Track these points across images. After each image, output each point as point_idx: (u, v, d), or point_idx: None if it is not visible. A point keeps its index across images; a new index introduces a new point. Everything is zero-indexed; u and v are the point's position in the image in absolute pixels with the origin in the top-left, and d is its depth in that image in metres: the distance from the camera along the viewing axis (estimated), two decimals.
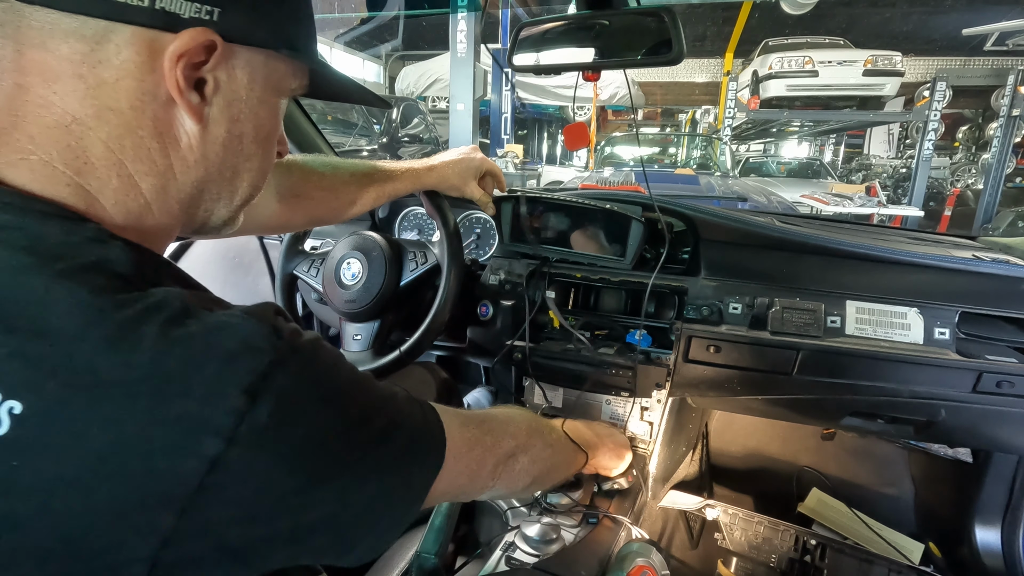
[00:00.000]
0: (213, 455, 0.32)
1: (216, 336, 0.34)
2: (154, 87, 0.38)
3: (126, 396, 0.31)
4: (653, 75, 12.79)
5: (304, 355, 0.38)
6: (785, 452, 1.61)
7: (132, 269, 0.35)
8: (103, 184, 0.38)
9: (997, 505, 1.25)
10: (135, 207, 0.40)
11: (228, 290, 1.45)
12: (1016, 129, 6.72)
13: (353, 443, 0.40)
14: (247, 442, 0.33)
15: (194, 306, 0.35)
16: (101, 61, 0.36)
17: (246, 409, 0.33)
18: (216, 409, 0.32)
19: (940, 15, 9.67)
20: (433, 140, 8.04)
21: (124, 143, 0.38)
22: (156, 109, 0.39)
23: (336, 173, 0.89)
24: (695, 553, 1.34)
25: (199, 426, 0.32)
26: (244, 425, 0.33)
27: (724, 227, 1.05)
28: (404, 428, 0.45)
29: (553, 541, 0.83)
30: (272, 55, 0.44)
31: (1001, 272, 0.93)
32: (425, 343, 0.98)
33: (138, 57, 0.37)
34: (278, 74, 0.45)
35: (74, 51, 0.36)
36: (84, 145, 0.37)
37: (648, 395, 1.06)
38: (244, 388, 0.33)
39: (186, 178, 0.42)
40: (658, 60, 0.79)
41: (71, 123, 0.37)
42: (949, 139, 12.84)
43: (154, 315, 0.33)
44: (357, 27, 9.58)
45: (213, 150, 0.43)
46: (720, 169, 6.94)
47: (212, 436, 0.32)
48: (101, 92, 0.37)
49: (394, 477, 0.43)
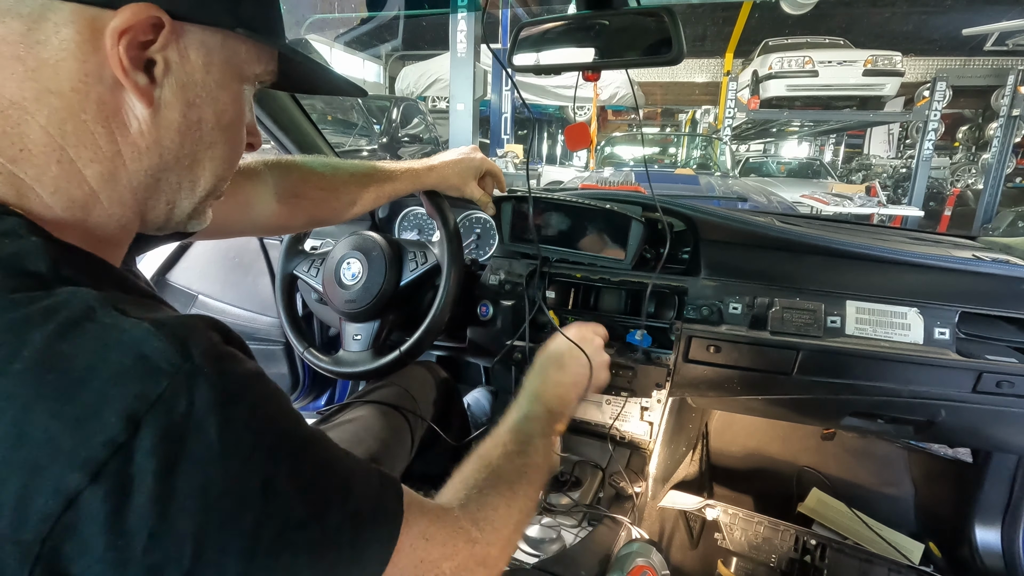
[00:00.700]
0: (71, 491, 0.26)
1: (109, 348, 0.29)
2: (98, 68, 0.35)
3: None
4: (653, 75, 12.79)
5: (221, 385, 0.31)
6: (785, 452, 1.61)
7: (47, 268, 0.32)
8: (40, 172, 0.36)
9: (997, 505, 1.25)
10: (79, 195, 0.37)
11: (228, 290, 1.45)
12: (1016, 129, 6.72)
13: (266, 514, 0.32)
14: (115, 483, 0.27)
15: (100, 309, 0.30)
16: (40, 41, 0.34)
17: (123, 441, 0.27)
18: (88, 436, 0.27)
19: (940, 15, 9.66)
20: (433, 140, 8.04)
21: (66, 128, 0.36)
22: (101, 92, 0.36)
23: (336, 173, 0.89)
24: (695, 553, 1.34)
25: (65, 455, 0.27)
26: (116, 461, 0.27)
27: (724, 227, 1.05)
28: (352, 500, 0.37)
29: (553, 541, 0.83)
30: (230, 36, 0.41)
31: (1001, 272, 0.93)
32: (425, 343, 0.98)
33: (79, 36, 0.35)
34: (238, 57, 0.43)
35: (10, 31, 0.33)
36: (21, 131, 0.35)
37: (648, 395, 1.06)
38: (126, 414, 0.28)
39: (138, 165, 0.39)
40: (658, 60, 0.79)
41: (8, 107, 0.34)
42: (949, 139, 12.83)
43: (47, 319, 0.29)
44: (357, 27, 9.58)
45: (168, 135, 0.40)
46: (720, 169, 6.94)
47: (76, 469, 0.27)
48: (40, 74, 0.34)
49: (317, 564, 0.34)
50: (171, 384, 0.29)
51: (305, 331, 1.10)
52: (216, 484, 0.30)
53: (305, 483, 0.34)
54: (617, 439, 1.15)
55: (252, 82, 0.45)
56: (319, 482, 0.36)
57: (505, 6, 7.16)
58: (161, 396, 0.29)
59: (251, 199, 0.79)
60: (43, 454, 0.27)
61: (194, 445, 0.30)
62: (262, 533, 0.31)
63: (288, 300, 1.11)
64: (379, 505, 0.40)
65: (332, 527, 0.35)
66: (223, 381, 0.32)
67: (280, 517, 0.32)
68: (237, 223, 0.79)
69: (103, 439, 0.27)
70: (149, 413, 0.28)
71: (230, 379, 0.32)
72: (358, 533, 0.37)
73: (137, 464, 0.28)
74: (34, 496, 0.26)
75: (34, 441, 0.27)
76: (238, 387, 0.33)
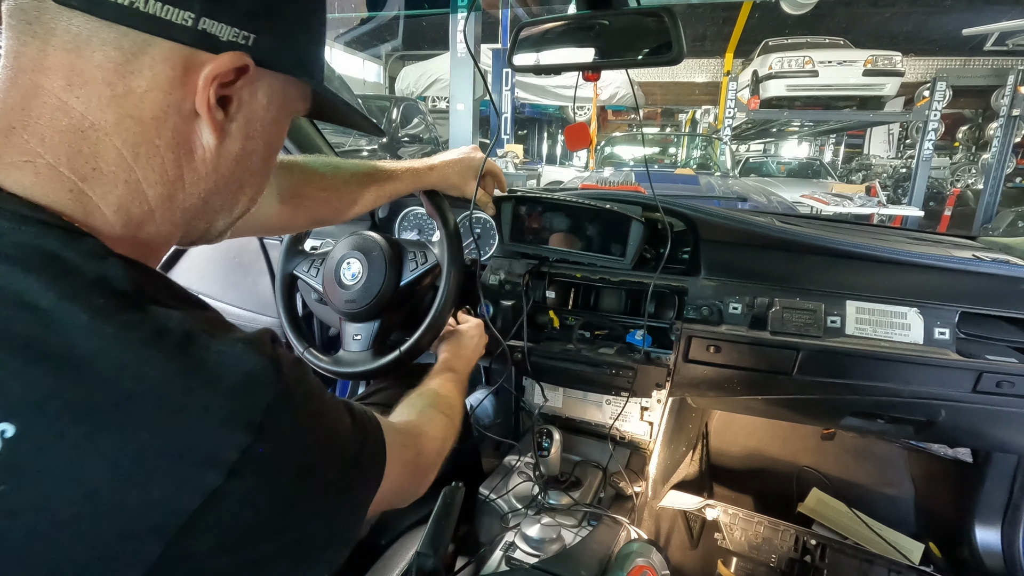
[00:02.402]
0: (212, 488, 0.32)
1: (219, 368, 0.34)
2: (180, 100, 0.39)
3: (126, 426, 0.31)
4: (653, 75, 12.79)
5: (302, 390, 0.39)
6: (785, 452, 1.61)
7: (131, 287, 0.35)
8: (107, 191, 0.38)
9: (997, 505, 1.25)
10: (137, 214, 0.40)
11: (228, 290, 1.45)
12: (1016, 129, 6.72)
13: (332, 474, 0.41)
14: (246, 475, 0.33)
15: (196, 332, 0.35)
16: (133, 72, 0.37)
17: (249, 444, 0.34)
18: (221, 443, 0.33)
19: (940, 15, 9.66)
20: (433, 140, 8.04)
21: (139, 151, 0.38)
22: (178, 121, 0.39)
23: (337, 173, 0.89)
24: (695, 553, 1.34)
25: (202, 460, 0.32)
26: (245, 459, 0.33)
27: (724, 227, 1.05)
28: (364, 450, 0.46)
29: (553, 541, 0.83)
30: (290, 79, 0.46)
31: (1001, 272, 0.93)
32: (425, 343, 0.98)
33: (171, 72, 0.38)
34: (292, 96, 0.47)
35: (108, 59, 0.36)
36: (96, 151, 0.37)
37: (648, 395, 1.06)
38: (248, 423, 0.34)
39: (195, 189, 0.43)
40: (658, 60, 0.79)
41: (88, 128, 0.37)
42: (949, 139, 12.83)
43: (158, 342, 0.33)
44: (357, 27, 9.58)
45: (225, 164, 0.44)
46: (720, 169, 6.94)
47: (214, 470, 0.32)
48: (126, 101, 0.37)
49: (352, 496, 0.45)
50: (276, 395, 0.36)
51: (305, 331, 1.10)
52: (310, 463, 0.39)
53: (347, 440, 0.44)
54: (617, 439, 1.15)
55: (294, 116, 0.50)
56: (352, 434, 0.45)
57: (505, 6, 7.16)
58: (269, 405, 0.35)
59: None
60: (185, 460, 0.32)
61: (298, 438, 0.38)
62: (343, 502, 0.43)
63: (288, 300, 1.11)
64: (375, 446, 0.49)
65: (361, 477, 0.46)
66: (302, 385, 0.39)
67: (343, 470, 0.43)
68: (239, 224, 0.79)
69: (234, 444, 0.33)
70: (266, 419, 0.35)
71: (303, 382, 0.40)
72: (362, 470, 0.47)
73: (260, 463, 0.34)
74: (178, 495, 0.32)
75: (174, 450, 0.32)
76: (308, 387, 0.40)
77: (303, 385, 0.39)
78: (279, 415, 0.36)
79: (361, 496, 0.46)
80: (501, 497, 0.96)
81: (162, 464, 0.31)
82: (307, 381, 0.40)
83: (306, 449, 0.38)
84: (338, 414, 0.45)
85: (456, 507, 0.84)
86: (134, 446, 0.31)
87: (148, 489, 0.31)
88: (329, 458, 0.41)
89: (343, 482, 0.43)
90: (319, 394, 0.42)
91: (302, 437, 0.38)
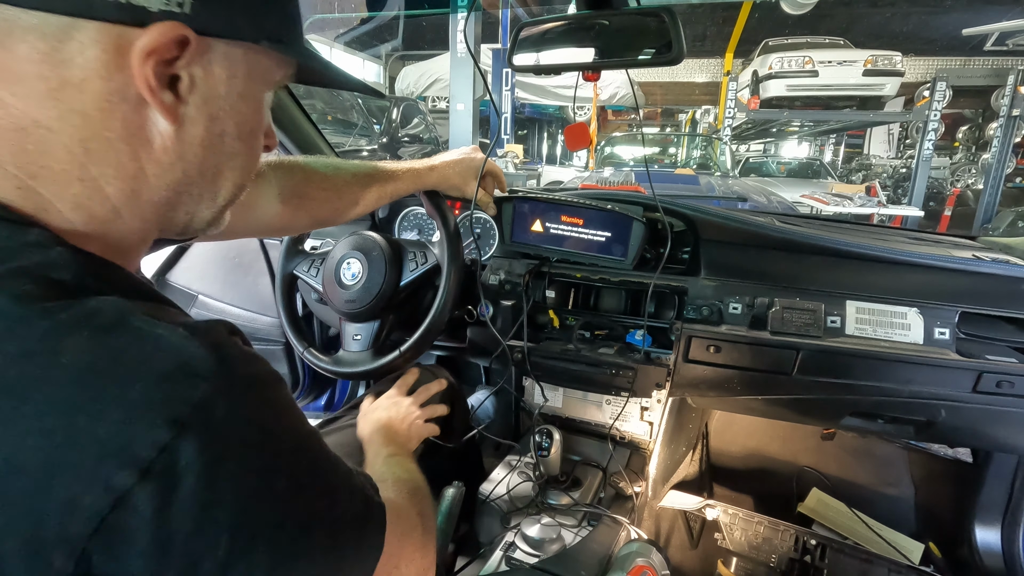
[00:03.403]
0: (121, 490, 0.28)
1: (149, 354, 0.30)
2: (123, 87, 0.35)
3: (33, 415, 0.28)
4: (653, 75, 12.78)
5: (251, 389, 0.34)
6: (785, 452, 1.61)
7: (72, 276, 0.32)
8: (61, 189, 0.35)
9: (997, 505, 1.25)
10: (100, 212, 0.37)
11: (228, 290, 1.45)
12: (1016, 129, 6.71)
13: (293, 511, 0.34)
14: (161, 482, 0.29)
15: (131, 316, 0.31)
16: (64, 60, 0.33)
17: (169, 442, 0.29)
18: (135, 438, 0.28)
19: (940, 15, 9.65)
20: (433, 140, 8.04)
21: (90, 147, 0.35)
22: (126, 110, 0.36)
23: (338, 174, 0.89)
24: (695, 553, 1.34)
25: (113, 454, 0.28)
26: (162, 461, 0.29)
27: (724, 227, 1.05)
28: (351, 502, 0.40)
29: (553, 541, 0.83)
30: (252, 47, 0.41)
31: (1001, 272, 0.93)
32: (425, 343, 0.98)
33: (104, 55, 0.34)
34: (261, 67, 0.42)
35: (34, 50, 0.33)
36: (44, 149, 0.34)
37: (648, 395, 1.06)
38: (172, 418, 0.29)
39: (160, 181, 0.39)
40: (658, 60, 0.79)
41: (30, 126, 0.34)
42: (949, 139, 12.82)
43: (82, 325, 0.30)
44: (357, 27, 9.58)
45: (191, 151, 0.40)
46: (720, 169, 6.94)
47: (125, 468, 0.28)
48: (65, 93, 0.34)
49: (330, 557, 0.37)
50: (211, 388, 0.31)
51: (305, 331, 1.10)
52: (251, 481, 0.32)
53: (321, 480, 0.38)
54: (617, 439, 1.15)
55: (272, 87, 0.45)
56: (329, 479, 0.39)
57: (505, 6, 7.16)
58: (202, 399, 0.30)
59: (255, 200, 0.79)
60: (92, 455, 0.28)
61: (232, 445, 0.32)
62: (287, 525, 0.34)
63: (288, 300, 1.11)
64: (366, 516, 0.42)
65: (340, 520, 0.39)
66: (253, 384, 0.34)
67: (304, 511, 0.35)
68: (241, 224, 0.79)
69: (150, 440, 0.29)
70: (192, 415, 0.30)
71: (257, 382, 0.35)
72: (361, 531, 0.41)
73: (182, 463, 0.29)
74: (84, 495, 0.28)
75: (82, 443, 0.28)
76: (263, 389, 0.35)
77: (257, 387, 0.34)
78: (214, 413, 0.31)
79: (335, 565, 0.38)
80: (501, 497, 0.96)
81: (69, 458, 0.28)
82: (265, 385, 0.35)
83: (250, 466, 0.32)
84: (314, 446, 0.38)
85: (456, 507, 0.84)
86: (39, 436, 0.28)
87: (53, 488, 0.27)
88: (293, 493, 0.34)
89: (314, 536, 0.35)
90: (285, 408, 0.36)
91: (247, 450, 0.32)
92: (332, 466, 0.40)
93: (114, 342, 0.30)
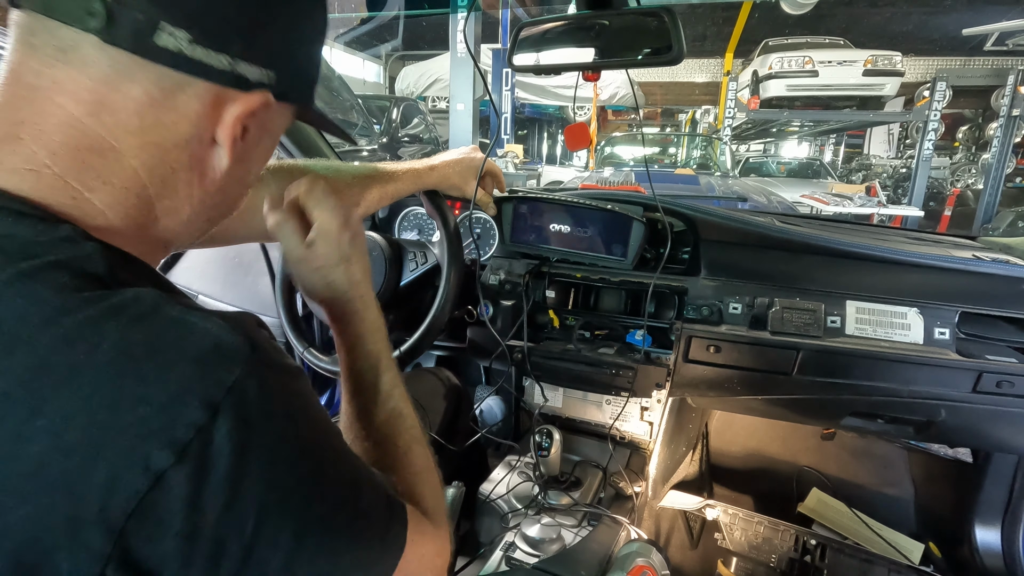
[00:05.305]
0: (159, 470, 0.29)
1: (185, 339, 0.32)
2: (203, 131, 0.40)
3: (76, 398, 0.29)
4: (653, 75, 12.78)
5: (282, 377, 0.36)
6: (785, 452, 1.61)
7: (105, 270, 0.34)
8: (116, 201, 0.38)
9: (997, 505, 1.25)
10: (144, 221, 0.41)
11: (228, 290, 1.45)
12: (1016, 129, 6.71)
13: (319, 497, 0.36)
14: (196, 463, 0.30)
15: (166, 305, 0.33)
16: (167, 107, 0.38)
17: (204, 424, 0.30)
18: (174, 419, 0.30)
19: (940, 15, 9.65)
20: (433, 140, 8.04)
21: (155, 172, 0.39)
22: (197, 148, 0.41)
23: (339, 176, 0.89)
24: (695, 553, 1.34)
25: (153, 435, 0.29)
26: (198, 442, 0.30)
27: (724, 227, 1.05)
28: (375, 497, 0.41)
29: (553, 541, 0.83)
30: (289, 106, 0.47)
31: (1001, 272, 0.93)
32: (425, 343, 0.98)
33: (202, 108, 0.39)
34: (286, 119, 0.49)
35: (145, 94, 0.37)
36: (113, 169, 0.38)
37: (648, 395, 1.06)
38: (207, 400, 0.31)
39: (201, 205, 0.44)
40: (658, 60, 0.79)
41: (107, 150, 0.37)
42: (949, 139, 12.82)
43: (120, 313, 0.31)
44: (357, 27, 9.58)
45: (230, 183, 0.45)
46: (720, 169, 6.94)
47: (164, 449, 0.29)
48: (153, 130, 0.38)
49: (353, 551, 0.38)
50: (244, 372, 0.32)
51: (305, 331, 1.10)
52: (279, 466, 0.34)
53: (345, 471, 0.39)
54: (617, 439, 1.15)
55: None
56: (352, 472, 0.40)
57: (505, 6, 7.16)
58: (237, 383, 0.32)
59: (255, 206, 0.78)
60: (132, 435, 0.29)
61: (263, 429, 0.33)
62: (313, 510, 0.35)
63: (288, 300, 1.11)
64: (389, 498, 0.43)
65: (364, 515, 0.40)
66: (282, 372, 0.36)
67: (329, 499, 0.37)
68: (241, 230, 0.79)
69: (187, 421, 0.30)
70: (226, 398, 0.31)
71: (286, 371, 0.36)
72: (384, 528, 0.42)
73: (216, 445, 0.31)
74: (123, 475, 0.29)
75: (124, 424, 0.29)
76: (291, 378, 0.37)
77: (285, 375, 0.36)
78: (245, 396, 0.32)
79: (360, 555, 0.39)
80: (501, 497, 0.96)
81: (109, 437, 0.29)
82: (293, 376, 0.37)
83: (278, 451, 0.34)
84: (337, 436, 0.40)
85: (456, 507, 0.84)
86: (83, 417, 0.29)
87: (95, 466, 0.28)
88: (318, 478, 0.36)
89: (338, 524, 0.37)
90: (310, 399, 0.38)
91: (276, 434, 0.34)
92: (355, 459, 0.42)
93: (151, 328, 0.32)
